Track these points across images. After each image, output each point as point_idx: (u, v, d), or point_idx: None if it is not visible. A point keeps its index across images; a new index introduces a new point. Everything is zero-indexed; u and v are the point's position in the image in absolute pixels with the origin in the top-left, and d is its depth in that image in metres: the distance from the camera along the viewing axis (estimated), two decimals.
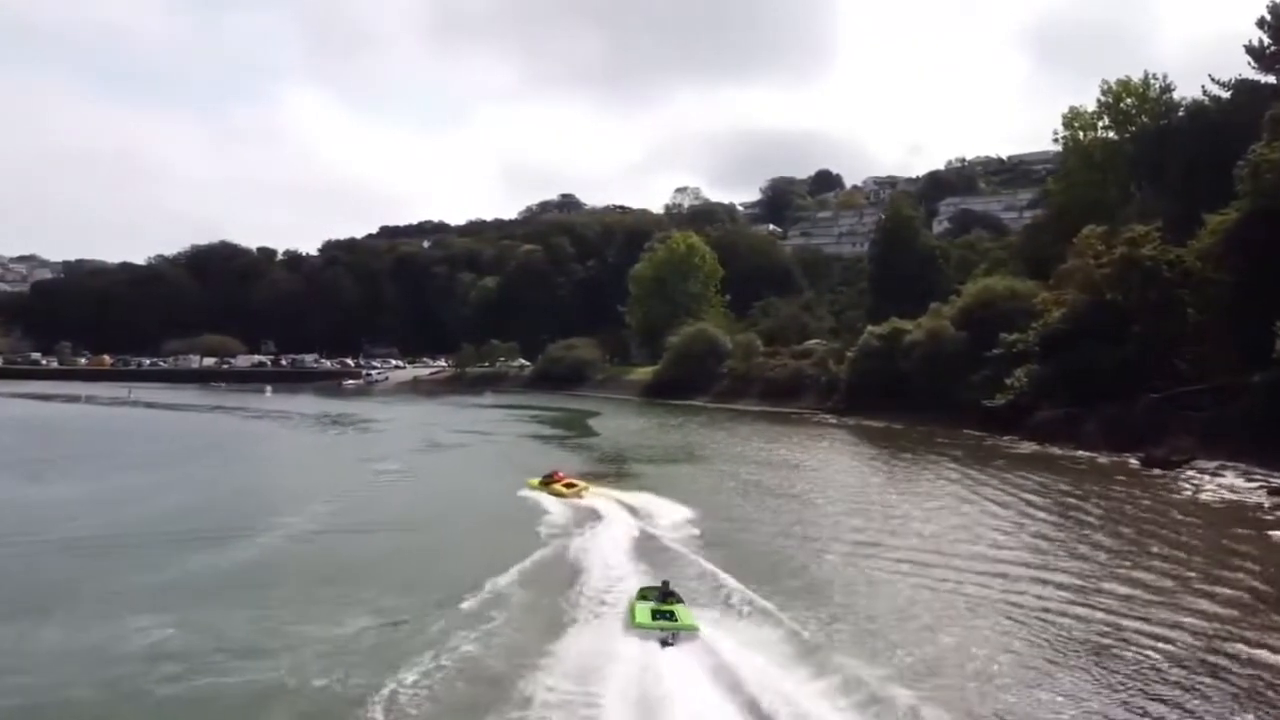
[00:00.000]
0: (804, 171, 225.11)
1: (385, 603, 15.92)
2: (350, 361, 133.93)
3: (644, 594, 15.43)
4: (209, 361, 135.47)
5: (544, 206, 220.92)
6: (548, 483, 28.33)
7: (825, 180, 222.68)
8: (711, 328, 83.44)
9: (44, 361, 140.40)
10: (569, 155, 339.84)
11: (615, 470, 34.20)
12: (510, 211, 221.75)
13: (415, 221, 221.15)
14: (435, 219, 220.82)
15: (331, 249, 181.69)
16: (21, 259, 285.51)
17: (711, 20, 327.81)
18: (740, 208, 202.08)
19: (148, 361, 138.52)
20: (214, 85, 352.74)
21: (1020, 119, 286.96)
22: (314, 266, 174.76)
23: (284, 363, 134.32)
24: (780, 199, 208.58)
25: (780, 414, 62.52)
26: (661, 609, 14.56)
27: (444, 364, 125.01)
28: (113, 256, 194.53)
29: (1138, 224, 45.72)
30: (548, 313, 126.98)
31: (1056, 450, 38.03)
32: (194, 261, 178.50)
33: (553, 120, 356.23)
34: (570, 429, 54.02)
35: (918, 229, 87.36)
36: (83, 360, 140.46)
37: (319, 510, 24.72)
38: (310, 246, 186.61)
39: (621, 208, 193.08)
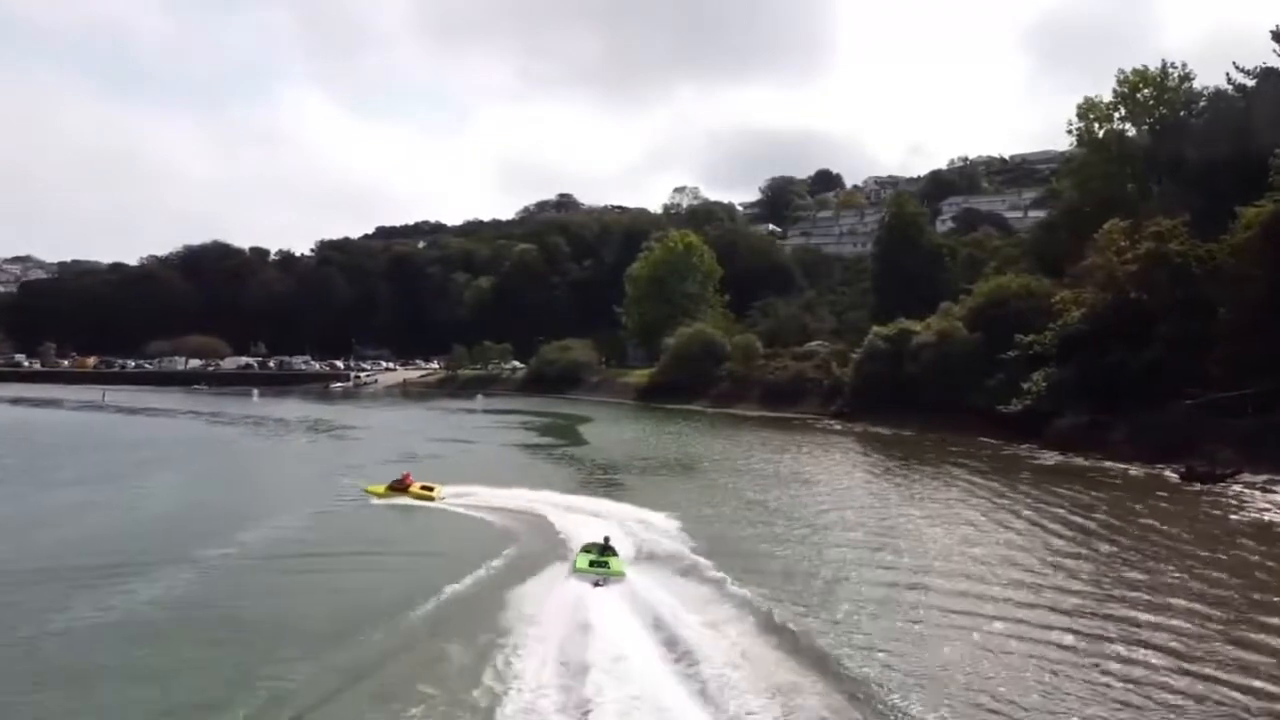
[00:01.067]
0: (804, 171, 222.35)
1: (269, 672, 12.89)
2: (340, 363, 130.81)
3: (587, 548, 18.83)
4: (195, 363, 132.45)
5: (541, 206, 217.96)
6: (398, 489, 27.52)
7: (825, 180, 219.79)
8: (710, 329, 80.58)
9: (26, 363, 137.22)
10: (567, 155, 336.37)
11: (604, 487, 30.87)
12: (508, 212, 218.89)
13: (412, 222, 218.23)
14: (433, 220, 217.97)
15: (325, 249, 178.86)
16: (16, 260, 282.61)
17: (711, 19, 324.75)
18: (740, 208, 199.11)
19: (132, 364, 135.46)
20: (211, 84, 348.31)
21: (1022, 119, 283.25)
22: (307, 266, 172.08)
23: (271, 365, 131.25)
24: (780, 199, 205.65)
25: (782, 419, 59.64)
26: (599, 560, 18.09)
27: (435, 366, 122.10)
28: (110, 258, 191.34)
29: (1162, 218, 42.86)
30: (543, 313, 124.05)
31: (1082, 461, 35.13)
32: (186, 262, 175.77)
33: (551, 120, 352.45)
34: (560, 437, 50.98)
35: (923, 226, 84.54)
36: (66, 362, 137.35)
37: (250, 539, 21.52)
38: (307, 247, 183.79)
39: (619, 208, 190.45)
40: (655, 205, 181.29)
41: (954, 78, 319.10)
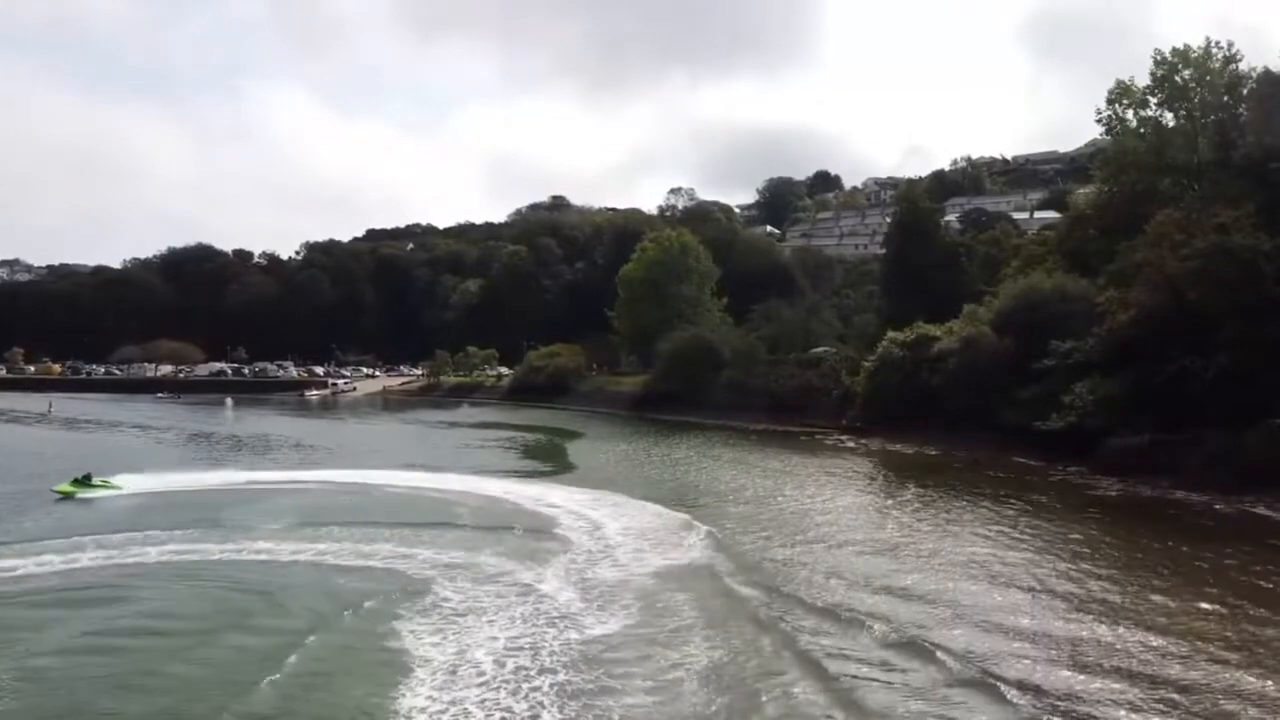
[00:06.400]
0: (801, 173, 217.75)
1: None
2: (319, 370, 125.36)
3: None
4: (166, 370, 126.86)
5: (534, 208, 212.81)
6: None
7: (824, 181, 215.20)
8: (708, 333, 75.50)
9: None
10: (555, 155, 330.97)
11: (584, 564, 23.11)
12: (500, 214, 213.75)
13: (403, 225, 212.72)
14: (424, 223, 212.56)
15: (310, 251, 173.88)
16: (4, 263, 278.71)
17: (697, 9, 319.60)
18: (737, 209, 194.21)
19: (101, 370, 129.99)
20: (184, 81, 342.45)
21: (1022, 119, 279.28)
22: (291, 270, 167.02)
23: (246, 372, 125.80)
24: (778, 200, 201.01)
25: (789, 434, 54.39)
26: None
27: (418, 373, 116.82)
28: (100, 261, 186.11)
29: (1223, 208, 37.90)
30: (533, 317, 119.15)
31: (1148, 491, 29.96)
32: (168, 264, 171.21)
33: (535, 117, 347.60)
34: (544, 459, 45.49)
35: (937, 222, 79.52)
36: (32, 368, 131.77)
37: None
38: (293, 250, 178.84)
39: (612, 209, 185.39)
40: (649, 207, 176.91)
41: (950, 75, 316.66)
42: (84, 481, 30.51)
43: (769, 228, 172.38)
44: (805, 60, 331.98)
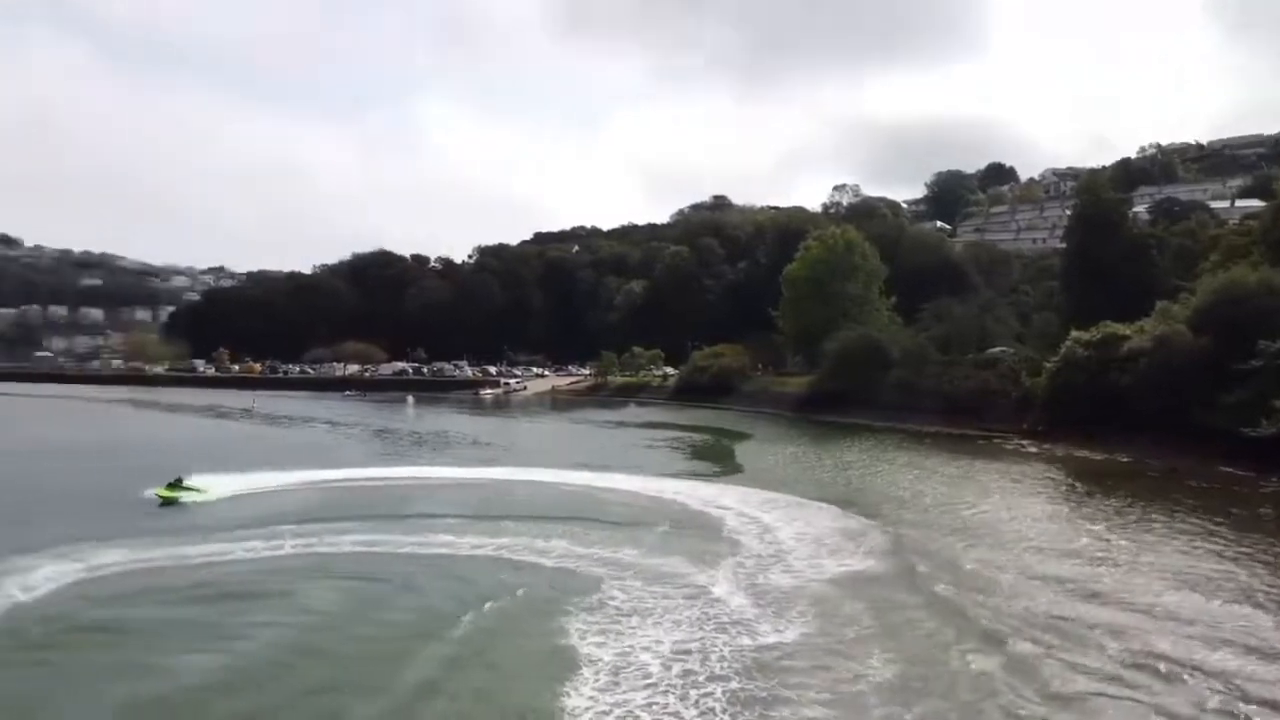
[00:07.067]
0: (973, 165, 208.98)
1: None
2: (492, 369, 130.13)
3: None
4: (353, 369, 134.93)
5: (695, 208, 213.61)
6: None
7: (997, 174, 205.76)
8: (875, 333, 73.51)
9: (201, 368, 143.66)
10: (714, 155, 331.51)
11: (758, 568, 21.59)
12: (662, 215, 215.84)
13: (569, 227, 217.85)
14: (588, 225, 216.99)
15: (482, 255, 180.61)
16: (210, 270, 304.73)
17: (853, 1, 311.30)
18: (904, 205, 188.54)
19: (296, 369, 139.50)
20: (363, 97, 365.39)
21: (1217, 101, 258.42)
22: (464, 273, 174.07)
23: (425, 371, 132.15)
24: (948, 194, 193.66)
25: (963, 437, 52.24)
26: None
27: (586, 373, 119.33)
28: (293, 267, 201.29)
29: None
30: (696, 317, 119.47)
31: None
32: (353, 270, 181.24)
33: (694, 119, 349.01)
34: (711, 460, 45.25)
35: (1124, 214, 74.56)
36: (236, 368, 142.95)
37: None
38: (466, 254, 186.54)
39: (774, 208, 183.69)
40: (812, 204, 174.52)
41: (1132, 56, 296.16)
42: (177, 485, 30.00)
43: (938, 223, 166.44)
44: (973, 47, 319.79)
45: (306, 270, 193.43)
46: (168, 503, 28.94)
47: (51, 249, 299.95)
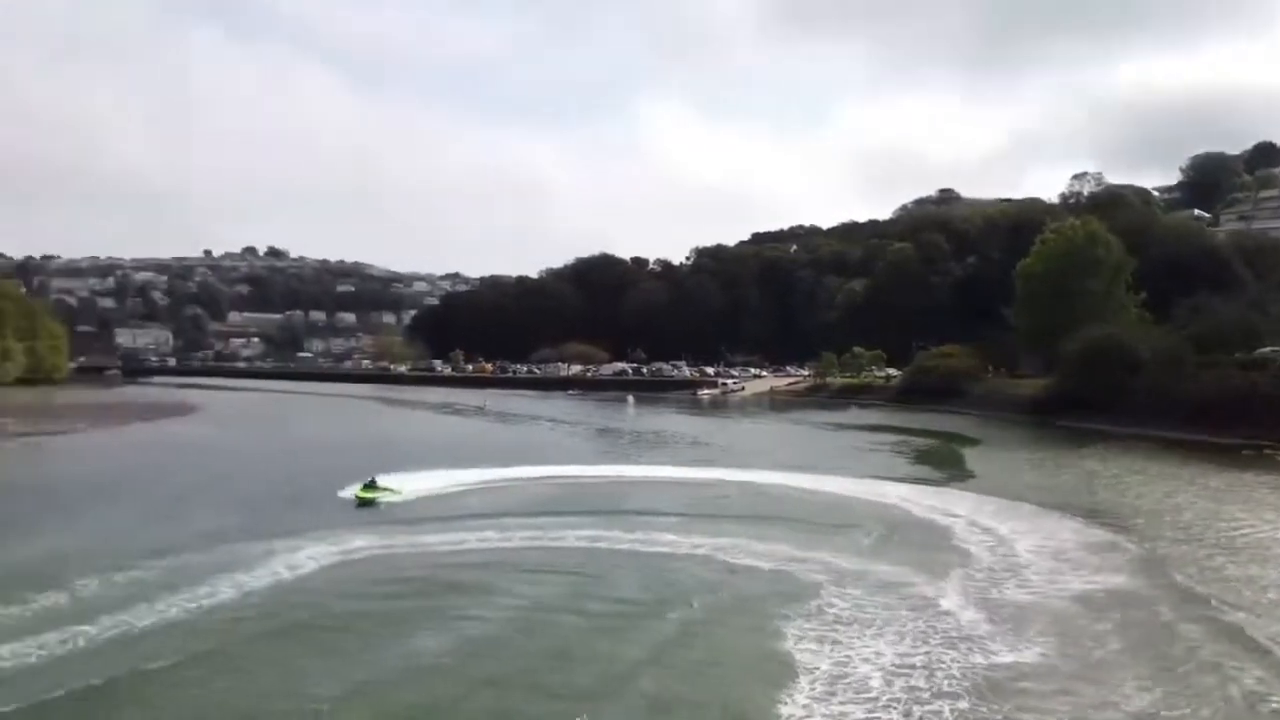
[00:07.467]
0: (1237, 146, 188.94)
1: None
2: (709, 370, 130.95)
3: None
4: (575, 369, 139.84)
5: (919, 203, 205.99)
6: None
7: (1267, 154, 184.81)
8: (1121, 332, 67.85)
9: (439, 368, 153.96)
10: (944, 148, 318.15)
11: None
12: (884, 211, 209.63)
13: (786, 227, 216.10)
14: (806, 224, 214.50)
15: (699, 256, 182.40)
16: (447, 276, 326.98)
17: None
18: (1155, 193, 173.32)
19: (523, 369, 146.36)
20: (582, 104, 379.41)
21: None
22: (682, 274, 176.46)
23: (644, 371, 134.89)
24: (1207, 179, 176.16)
25: (1226, 447, 46.83)
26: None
27: (804, 374, 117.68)
28: (521, 271, 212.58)
29: None
30: (919, 317, 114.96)
31: None
32: (576, 273, 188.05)
33: (918, 111, 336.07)
34: (938, 466, 43.12)
35: None
36: (470, 368, 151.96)
37: None
38: (683, 255, 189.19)
39: (1006, 200, 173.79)
40: (1048, 195, 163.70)
41: None
42: (371, 485, 29.91)
43: (1196, 211, 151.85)
44: (1229, 12, 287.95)
45: (534, 274, 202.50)
46: (365, 504, 28.88)
47: (312, 259, 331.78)
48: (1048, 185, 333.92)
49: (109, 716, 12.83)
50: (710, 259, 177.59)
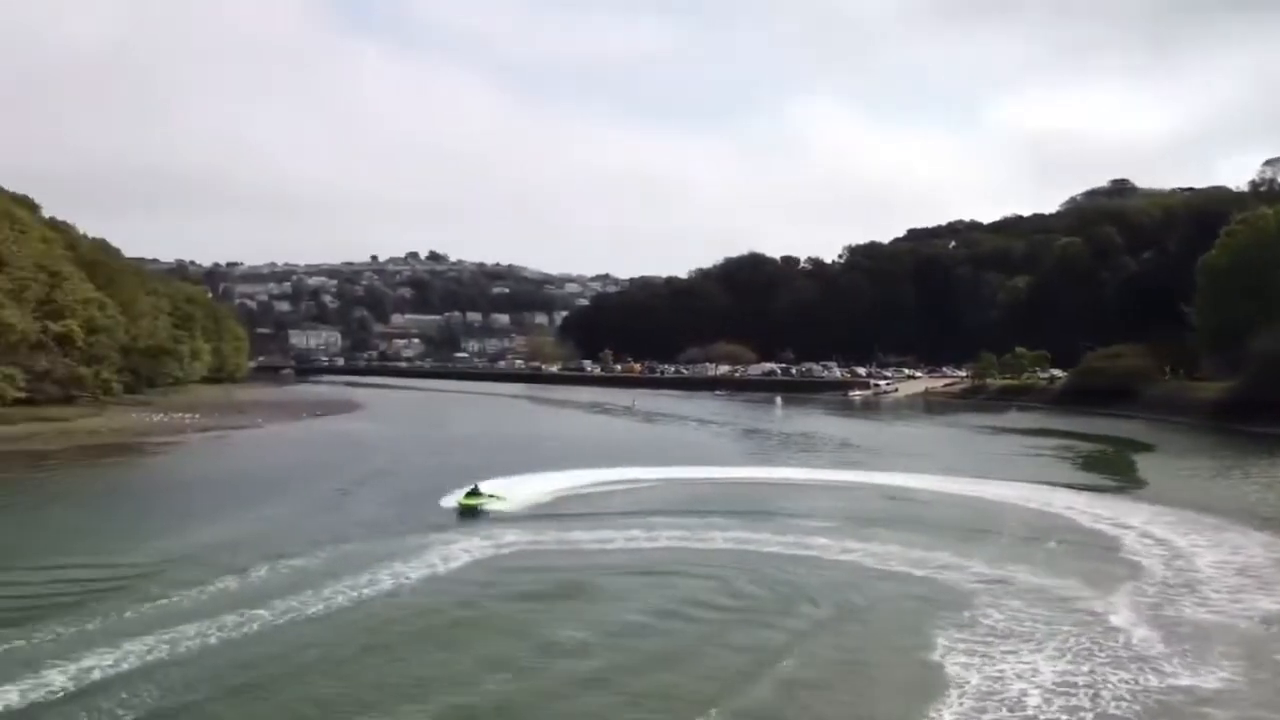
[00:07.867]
0: None
1: None
2: (861, 371, 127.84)
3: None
4: (723, 369, 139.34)
5: (1090, 195, 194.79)
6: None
7: None
8: None
9: (589, 368, 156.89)
10: (1116, 136, 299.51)
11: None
12: (1050, 204, 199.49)
13: (944, 223, 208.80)
14: (966, 219, 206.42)
15: (852, 254, 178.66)
16: (598, 277, 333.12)
17: None
18: None
19: (671, 369, 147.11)
20: (733, 103, 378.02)
21: None
22: (834, 273, 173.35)
23: (794, 371, 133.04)
24: None
25: None
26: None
27: (961, 375, 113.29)
28: (671, 272, 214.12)
29: None
30: (1085, 315, 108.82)
31: None
32: (725, 273, 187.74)
33: (1087, 98, 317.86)
34: (1106, 473, 40.38)
35: None
36: (619, 367, 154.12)
37: None
38: (835, 254, 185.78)
39: (1188, 190, 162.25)
40: (1236, 183, 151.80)
41: None
42: (474, 494, 28.82)
43: None
44: None
45: (683, 275, 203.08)
46: (467, 512, 27.75)
47: (470, 263, 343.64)
48: (1235, 173, 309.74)
49: (283, 693, 13.62)
50: (864, 257, 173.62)
